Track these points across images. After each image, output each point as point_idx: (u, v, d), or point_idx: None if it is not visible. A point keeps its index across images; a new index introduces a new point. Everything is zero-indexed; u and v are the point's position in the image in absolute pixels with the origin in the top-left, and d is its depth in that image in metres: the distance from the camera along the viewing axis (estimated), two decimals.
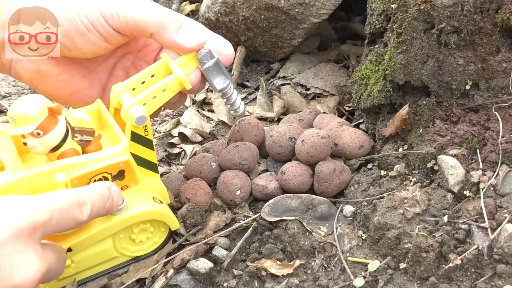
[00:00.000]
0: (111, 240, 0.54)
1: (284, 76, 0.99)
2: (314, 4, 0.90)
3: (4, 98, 1.01)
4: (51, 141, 0.49)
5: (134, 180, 0.55)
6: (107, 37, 0.54)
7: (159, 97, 0.55)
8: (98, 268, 0.56)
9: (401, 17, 0.63)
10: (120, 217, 0.52)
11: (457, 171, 0.59)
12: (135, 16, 0.52)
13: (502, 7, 0.57)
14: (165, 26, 0.53)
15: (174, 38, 0.53)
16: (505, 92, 0.60)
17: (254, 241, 0.61)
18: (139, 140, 0.55)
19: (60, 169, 0.49)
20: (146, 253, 0.58)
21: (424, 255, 0.53)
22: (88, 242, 0.52)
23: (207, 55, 0.56)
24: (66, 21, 0.52)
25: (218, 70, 0.58)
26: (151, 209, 0.54)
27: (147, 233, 0.57)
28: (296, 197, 0.64)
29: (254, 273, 0.56)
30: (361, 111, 0.78)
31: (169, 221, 0.57)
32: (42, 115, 0.47)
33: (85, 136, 0.52)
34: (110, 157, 0.51)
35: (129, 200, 0.53)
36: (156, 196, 0.57)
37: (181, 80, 0.55)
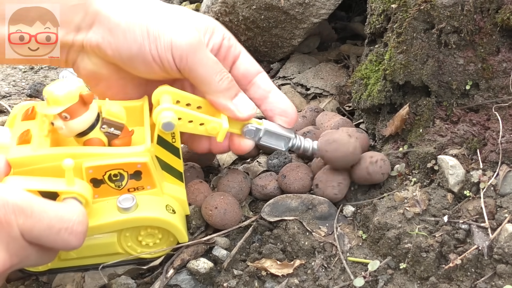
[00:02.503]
0: (116, 235, 0.55)
1: (284, 76, 0.99)
2: (314, 4, 0.90)
3: (4, 98, 1.01)
4: (76, 126, 0.50)
5: (150, 183, 0.54)
6: (170, 71, 0.55)
7: (194, 126, 0.55)
8: (101, 258, 0.56)
9: (401, 17, 0.63)
10: (127, 216, 0.52)
11: (457, 171, 0.59)
12: (200, 72, 0.54)
13: (502, 7, 0.57)
14: (222, 92, 0.56)
15: (227, 104, 0.56)
16: (505, 92, 0.60)
17: (254, 241, 0.61)
18: (166, 145, 0.55)
19: (77, 155, 0.50)
20: (152, 257, 0.58)
21: (424, 255, 0.53)
22: (92, 232, 0.52)
23: (251, 132, 0.59)
24: (136, 45, 0.52)
25: (274, 136, 0.60)
26: (158, 217, 0.54)
27: (154, 238, 0.57)
28: (296, 197, 0.64)
29: (254, 273, 0.56)
30: (361, 111, 0.78)
31: (176, 232, 0.56)
32: (72, 100, 0.48)
33: (113, 129, 0.52)
34: (128, 155, 0.52)
35: (140, 202, 0.53)
36: (170, 205, 0.56)
37: (221, 130, 0.56)
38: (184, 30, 0.53)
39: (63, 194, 0.47)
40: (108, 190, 0.53)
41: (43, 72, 1.11)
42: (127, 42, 0.52)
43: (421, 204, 0.59)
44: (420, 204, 0.59)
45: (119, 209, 0.52)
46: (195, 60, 0.53)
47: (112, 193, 0.53)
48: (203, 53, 0.54)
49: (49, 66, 1.13)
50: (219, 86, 0.55)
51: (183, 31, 0.53)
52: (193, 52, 0.53)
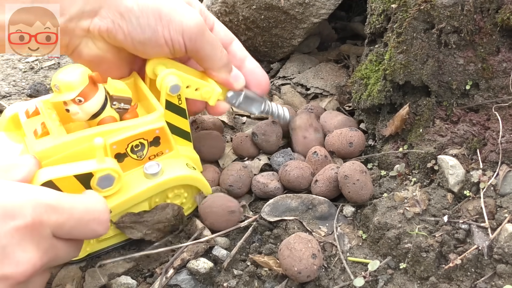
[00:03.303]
0: (147, 203, 0.57)
1: (284, 76, 0.99)
2: (314, 4, 0.90)
3: (4, 98, 1.01)
4: (91, 108, 0.52)
5: (168, 147, 0.57)
6: (178, 53, 0.57)
7: (191, 91, 0.59)
8: None
9: (401, 17, 0.63)
10: (156, 181, 0.55)
11: (457, 171, 0.59)
12: (207, 51, 0.58)
13: (502, 7, 0.57)
14: (224, 67, 0.61)
15: (228, 78, 0.62)
16: (505, 92, 0.60)
17: (254, 241, 0.61)
18: (173, 108, 0.58)
19: (100, 134, 0.51)
20: None
21: (424, 255, 0.53)
22: (126, 205, 0.54)
23: (233, 97, 0.64)
24: (150, 30, 0.54)
25: (250, 100, 0.65)
26: (186, 174, 0.57)
27: (181, 198, 0.60)
28: (296, 197, 0.64)
29: (254, 273, 0.56)
30: (361, 111, 0.78)
31: (202, 186, 0.60)
32: (83, 83, 0.50)
33: (123, 104, 0.55)
34: (146, 123, 0.54)
35: (164, 166, 0.56)
36: (189, 163, 0.60)
37: (214, 93, 0.60)
38: (191, 13, 0.56)
39: (97, 173, 0.49)
40: (131, 162, 0.55)
41: (43, 72, 1.12)
42: (141, 27, 0.54)
43: (421, 204, 0.59)
44: (420, 204, 0.59)
45: (147, 176, 0.55)
46: (203, 41, 0.57)
47: (135, 164, 0.56)
48: (208, 33, 0.57)
49: (49, 66, 1.13)
50: (220, 63, 0.60)
51: (190, 14, 0.56)
52: (201, 33, 0.56)
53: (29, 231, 0.40)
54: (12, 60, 1.15)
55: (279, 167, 0.71)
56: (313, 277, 0.54)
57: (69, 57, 0.60)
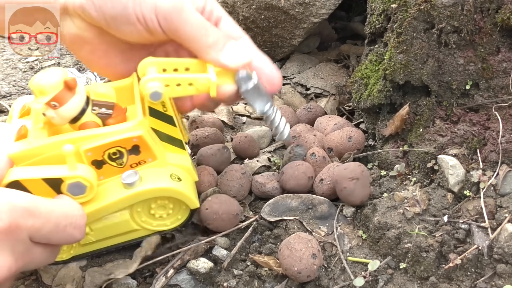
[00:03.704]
0: (128, 212, 0.55)
1: (284, 75, 0.99)
2: (314, 4, 0.90)
3: (4, 98, 1.02)
4: (67, 113, 0.50)
5: (151, 156, 0.54)
6: (154, 33, 0.54)
7: (183, 88, 0.54)
8: (120, 238, 0.57)
9: (401, 17, 0.63)
10: (132, 191, 0.52)
11: (457, 171, 0.59)
12: (186, 31, 0.53)
13: (502, 7, 0.57)
14: (211, 46, 0.54)
15: (218, 57, 0.54)
16: (505, 92, 0.60)
17: (254, 241, 0.61)
18: (159, 116, 0.55)
19: (74, 140, 0.50)
20: (169, 228, 0.59)
21: (424, 255, 0.53)
22: (101, 213, 0.53)
23: (245, 78, 0.56)
24: (120, 4, 0.51)
25: (258, 93, 0.57)
26: (163, 186, 0.54)
27: (166, 210, 0.57)
28: (296, 197, 0.64)
29: (254, 273, 0.56)
30: (361, 111, 0.78)
31: (185, 199, 0.56)
32: (57, 87, 0.49)
33: (104, 109, 0.53)
34: (122, 131, 0.52)
35: (144, 175, 0.53)
36: (175, 173, 0.56)
37: (210, 84, 0.54)
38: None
39: (67, 180, 0.48)
40: (111, 169, 0.53)
41: None
42: (111, 2, 0.52)
43: (421, 204, 0.59)
44: (420, 204, 0.59)
45: (124, 186, 0.53)
46: (180, 20, 0.53)
47: (116, 172, 0.53)
48: (187, 12, 0.53)
49: (49, 66, 1.13)
50: (206, 41, 0.54)
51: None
52: (178, 12, 0.52)
53: (5, 235, 0.39)
54: (12, 60, 1.16)
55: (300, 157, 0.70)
56: (313, 277, 0.54)
57: None
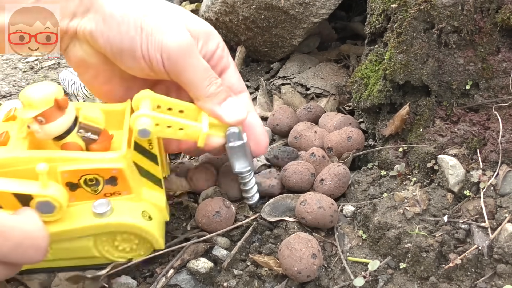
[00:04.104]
0: (93, 239, 0.54)
1: (284, 75, 0.99)
2: (314, 4, 0.90)
3: (4, 98, 1.02)
4: (52, 130, 0.50)
5: (127, 189, 0.53)
6: (157, 72, 0.54)
7: (173, 131, 0.54)
8: (77, 261, 0.56)
9: (401, 17, 0.63)
10: (101, 221, 0.52)
11: (457, 171, 0.59)
12: (189, 76, 0.54)
13: (502, 7, 0.58)
14: (210, 96, 0.55)
15: (215, 109, 0.56)
16: (505, 92, 0.60)
17: (254, 241, 0.61)
18: (143, 152, 0.55)
19: (53, 159, 0.49)
20: (126, 261, 0.57)
21: (424, 255, 0.53)
22: (66, 235, 0.52)
23: (235, 135, 0.57)
24: (128, 40, 0.52)
25: (242, 153, 0.59)
26: (132, 223, 0.53)
27: (131, 244, 0.56)
28: (296, 197, 0.64)
29: (254, 273, 0.56)
30: (361, 110, 0.78)
31: (151, 239, 0.55)
32: (47, 104, 0.48)
33: (90, 134, 0.52)
34: (103, 161, 0.51)
35: (116, 207, 0.53)
36: (147, 211, 0.55)
37: (201, 134, 0.54)
38: (177, 32, 0.53)
39: (37, 197, 0.47)
40: (85, 194, 0.52)
41: (43, 72, 1.12)
42: (120, 34, 0.52)
43: (421, 204, 0.59)
44: (420, 204, 0.59)
45: (94, 214, 0.52)
46: (184, 64, 0.53)
47: (89, 197, 0.53)
48: (193, 57, 0.53)
49: (49, 66, 1.13)
50: (206, 91, 0.55)
51: (175, 32, 0.53)
52: (183, 55, 0.53)
53: None
54: (12, 60, 1.16)
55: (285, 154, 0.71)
56: (313, 277, 0.54)
57: (65, 58, 0.59)
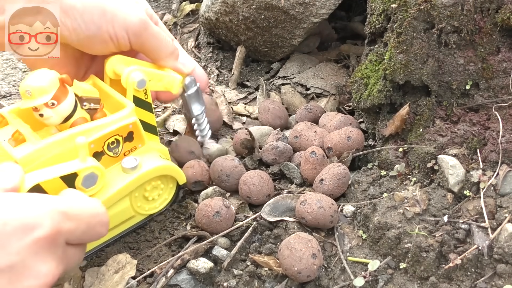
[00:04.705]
0: (129, 199, 0.58)
1: (284, 75, 0.99)
2: (314, 4, 0.90)
3: (4, 98, 1.01)
4: (65, 110, 0.52)
5: (141, 141, 0.59)
6: (122, 47, 0.58)
7: (154, 83, 0.61)
8: (119, 228, 0.60)
9: (401, 17, 0.63)
10: (136, 174, 0.56)
11: (457, 171, 0.59)
12: (152, 44, 0.60)
13: (502, 7, 0.57)
14: (170, 55, 0.62)
15: (176, 64, 0.63)
16: (505, 92, 0.60)
17: (254, 241, 0.61)
18: (140, 103, 0.59)
19: (78, 134, 0.52)
20: (158, 210, 0.63)
21: (424, 255, 0.53)
22: (110, 201, 0.55)
23: (192, 82, 0.67)
24: (94, 26, 0.54)
25: (197, 97, 0.68)
26: (162, 164, 0.59)
27: (158, 190, 0.61)
28: (296, 197, 0.64)
29: (254, 273, 0.56)
30: (361, 110, 0.78)
31: (177, 175, 0.62)
32: (55, 86, 0.50)
33: (93, 104, 0.56)
34: (120, 119, 0.55)
35: (140, 159, 0.57)
36: (161, 155, 0.61)
37: (175, 82, 0.63)
38: (134, 8, 0.57)
39: (81, 172, 0.50)
40: (108, 160, 0.56)
41: None
42: (85, 23, 0.54)
43: (421, 204, 0.59)
44: (420, 204, 0.59)
45: (125, 171, 0.56)
46: (147, 34, 0.58)
47: (111, 162, 0.56)
48: (151, 27, 0.59)
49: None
50: (166, 51, 0.62)
51: (134, 9, 0.57)
52: (145, 28, 0.58)
53: (48, 242, 0.40)
54: (12, 60, 1.15)
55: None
56: (313, 277, 0.54)
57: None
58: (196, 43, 1.16)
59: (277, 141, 0.75)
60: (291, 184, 0.71)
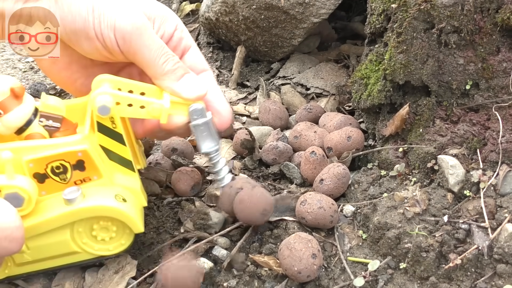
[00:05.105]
0: (69, 232, 0.53)
1: (284, 75, 0.99)
2: (314, 4, 0.90)
3: None
4: (12, 121, 0.49)
5: (96, 173, 0.53)
6: (113, 52, 0.54)
7: (134, 110, 0.53)
8: (60, 260, 0.55)
9: (401, 17, 0.63)
10: (73, 207, 0.51)
11: (457, 171, 0.59)
12: (144, 55, 0.53)
13: (502, 7, 0.57)
14: (167, 74, 0.54)
15: (172, 86, 0.55)
16: (505, 92, 0.60)
17: (254, 241, 0.61)
18: (107, 132, 0.53)
19: (15, 150, 0.48)
20: (111, 253, 0.56)
21: (424, 255, 0.53)
22: (39, 228, 0.51)
23: (198, 111, 0.55)
24: (80, 19, 0.51)
25: (208, 132, 0.57)
26: (107, 205, 0.52)
27: (109, 232, 0.55)
28: (296, 197, 0.64)
29: (254, 273, 0.56)
30: (361, 110, 0.78)
31: (128, 222, 0.54)
32: (3, 95, 0.48)
33: (51, 122, 0.52)
34: (66, 144, 0.50)
35: (87, 193, 0.52)
36: (120, 194, 0.54)
37: (162, 110, 0.53)
38: (130, 12, 0.53)
39: (4, 189, 0.47)
40: (54, 185, 0.52)
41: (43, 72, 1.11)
42: (72, 15, 0.51)
43: (421, 204, 0.59)
44: (420, 204, 0.59)
45: (65, 201, 0.51)
46: (139, 43, 0.53)
47: (59, 188, 0.52)
48: (147, 36, 0.53)
49: None
50: (163, 69, 0.54)
51: (128, 12, 0.52)
52: (138, 34, 0.52)
53: None
54: (12, 60, 1.15)
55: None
56: (313, 277, 0.54)
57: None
58: (196, 43, 1.16)
59: (277, 141, 0.75)
60: (291, 184, 0.71)
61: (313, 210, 0.59)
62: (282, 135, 0.78)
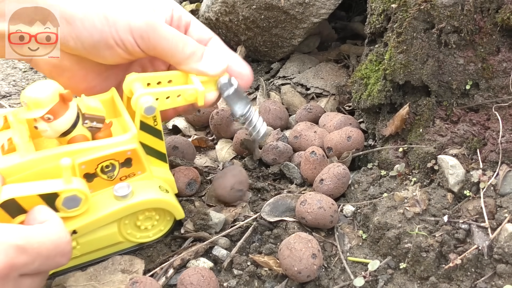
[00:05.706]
0: (116, 225, 0.56)
1: (284, 75, 0.99)
2: (314, 4, 0.90)
3: (4, 98, 1.02)
4: (61, 126, 0.50)
5: (141, 169, 0.56)
6: (133, 52, 0.56)
7: (172, 100, 0.57)
8: (103, 251, 0.57)
9: (401, 17, 0.63)
10: (125, 203, 0.53)
11: (457, 171, 0.59)
12: (164, 46, 0.55)
13: (502, 7, 0.57)
14: (189, 57, 0.57)
15: (198, 67, 0.57)
16: (505, 92, 0.60)
17: (254, 241, 0.61)
18: (148, 129, 0.56)
19: (68, 153, 0.50)
20: (151, 240, 0.60)
21: (424, 255, 0.53)
22: (93, 225, 0.53)
23: (227, 84, 0.59)
24: (97, 32, 0.53)
25: (238, 96, 0.61)
26: (156, 197, 0.56)
27: (152, 221, 0.58)
28: (296, 196, 0.64)
29: (254, 273, 0.56)
30: (361, 110, 0.78)
31: (174, 210, 0.58)
32: (53, 100, 0.48)
33: (95, 123, 0.53)
34: (117, 145, 0.53)
35: (135, 188, 0.55)
36: (162, 185, 0.58)
37: (199, 94, 0.57)
38: (139, 11, 0.55)
39: (63, 193, 0.48)
40: (101, 182, 0.54)
41: None
42: (87, 30, 0.53)
43: (421, 204, 0.59)
44: (420, 204, 0.59)
45: (116, 198, 0.54)
46: (156, 37, 0.55)
47: (105, 185, 0.54)
48: (161, 28, 0.55)
49: None
50: (185, 54, 0.57)
51: (138, 12, 0.54)
52: (153, 29, 0.54)
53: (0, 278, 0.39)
54: (12, 60, 1.15)
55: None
56: (313, 277, 0.54)
57: (32, 66, 0.58)
58: None
59: (277, 141, 0.75)
60: (291, 184, 0.71)
61: (313, 210, 0.59)
62: (282, 135, 0.78)
